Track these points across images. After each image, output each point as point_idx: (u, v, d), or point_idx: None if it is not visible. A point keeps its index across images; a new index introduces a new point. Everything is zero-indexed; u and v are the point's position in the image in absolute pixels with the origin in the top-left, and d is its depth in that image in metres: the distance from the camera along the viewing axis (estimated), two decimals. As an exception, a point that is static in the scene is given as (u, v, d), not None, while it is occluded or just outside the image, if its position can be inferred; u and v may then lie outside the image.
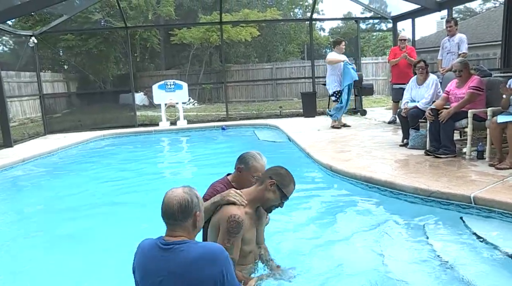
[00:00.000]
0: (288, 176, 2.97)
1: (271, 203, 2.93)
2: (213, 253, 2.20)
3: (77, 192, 6.48)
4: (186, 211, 2.25)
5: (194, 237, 2.34)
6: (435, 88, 7.05)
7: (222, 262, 2.18)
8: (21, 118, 16.15)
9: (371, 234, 4.09)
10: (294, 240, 4.07)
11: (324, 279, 3.27)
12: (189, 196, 2.27)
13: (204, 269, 2.14)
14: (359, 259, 3.59)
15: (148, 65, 27.03)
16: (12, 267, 3.92)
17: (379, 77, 22.67)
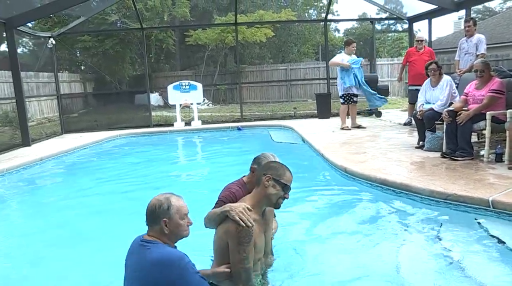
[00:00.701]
0: (280, 166, 2.93)
1: (276, 197, 2.86)
2: (170, 259, 2.34)
3: (93, 190, 6.56)
4: (152, 216, 2.47)
5: (171, 241, 2.51)
6: (450, 89, 6.97)
7: (178, 270, 2.32)
8: (39, 118, 16.38)
9: (385, 236, 4.06)
10: (308, 241, 4.06)
11: (338, 281, 3.26)
12: (159, 202, 2.47)
13: (159, 272, 2.30)
14: (372, 261, 3.56)
15: (164, 66, 27.22)
16: (28, 261, 3.98)
17: (395, 78, 22.44)
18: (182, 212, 2.52)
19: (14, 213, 5.84)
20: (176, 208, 2.49)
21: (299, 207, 5.01)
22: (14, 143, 10.33)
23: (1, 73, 14.70)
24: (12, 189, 7.00)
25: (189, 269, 2.37)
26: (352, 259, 3.63)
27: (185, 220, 2.54)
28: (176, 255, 2.38)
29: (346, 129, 10.00)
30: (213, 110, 19.18)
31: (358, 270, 3.42)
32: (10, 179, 7.49)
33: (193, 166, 8.74)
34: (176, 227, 2.49)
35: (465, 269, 3.26)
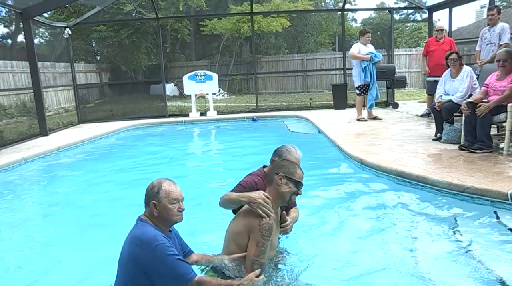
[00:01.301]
0: (291, 164, 2.93)
1: (289, 195, 2.88)
2: (141, 239, 2.47)
3: (109, 178, 6.62)
4: (145, 197, 2.63)
5: (162, 225, 2.61)
6: (470, 80, 6.80)
7: (148, 251, 2.43)
8: (56, 108, 16.56)
9: (401, 229, 4.02)
10: (323, 232, 4.04)
11: (353, 272, 3.24)
12: (151, 185, 2.63)
13: (133, 247, 2.48)
14: (388, 253, 3.52)
15: (179, 56, 27.26)
16: (46, 244, 4.04)
17: (412, 69, 22.16)
18: (171, 196, 2.59)
19: (32, 200, 5.91)
20: (165, 192, 2.59)
21: (314, 198, 4.99)
22: (32, 133, 10.47)
23: (19, 64, 14.86)
24: (30, 177, 7.10)
25: (163, 249, 2.45)
26: (367, 251, 3.60)
27: (175, 205, 2.61)
28: (148, 236, 2.47)
29: (362, 120, 9.91)
30: (229, 100, 19.17)
31: (372, 262, 3.40)
32: (29, 168, 7.61)
33: (208, 156, 8.76)
34: (165, 211, 2.59)
35: (482, 262, 3.21)
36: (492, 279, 2.99)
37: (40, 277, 3.48)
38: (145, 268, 2.45)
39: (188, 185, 6.11)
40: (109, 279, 2.70)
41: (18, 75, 14.87)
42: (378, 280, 3.14)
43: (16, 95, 14.59)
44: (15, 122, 12.69)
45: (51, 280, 3.45)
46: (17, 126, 11.77)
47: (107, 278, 2.77)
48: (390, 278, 3.13)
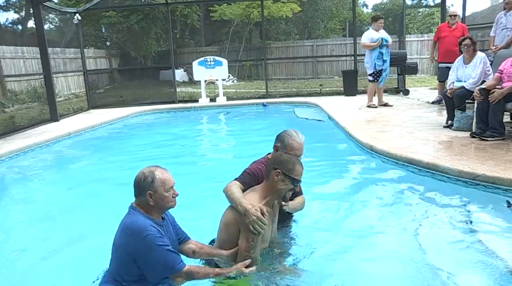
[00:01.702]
0: (290, 160, 2.85)
1: (285, 191, 2.85)
2: (131, 228, 2.50)
3: (118, 164, 6.65)
4: (138, 188, 2.60)
5: (156, 212, 2.63)
6: (483, 66, 6.68)
7: (137, 240, 2.46)
8: (66, 93, 16.63)
9: (410, 216, 4.00)
10: (331, 218, 4.04)
11: (361, 259, 3.25)
12: (143, 176, 2.59)
13: (124, 236, 2.52)
14: (396, 241, 3.52)
15: (188, 41, 27.16)
16: (54, 230, 4.09)
17: (424, 55, 21.85)
18: (167, 184, 2.61)
19: (44, 185, 5.97)
20: (160, 181, 2.58)
21: (324, 184, 4.99)
22: (43, 118, 10.54)
23: (29, 50, 14.91)
24: (41, 162, 7.17)
25: (152, 240, 2.47)
26: (374, 238, 3.59)
27: (171, 192, 2.63)
28: (138, 226, 2.50)
29: (373, 107, 9.83)
30: (238, 86, 19.11)
31: (380, 250, 3.39)
32: (40, 153, 7.68)
33: (217, 141, 8.77)
34: (161, 199, 2.59)
35: (493, 251, 3.18)
36: (503, 268, 2.96)
37: (49, 258, 3.53)
38: (135, 257, 2.48)
39: (196, 170, 6.15)
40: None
41: (29, 61, 14.93)
42: (385, 268, 3.13)
43: (27, 81, 14.67)
44: (26, 108, 12.78)
45: (59, 261, 3.50)
46: (28, 112, 11.85)
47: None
48: (398, 266, 3.12)
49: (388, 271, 3.11)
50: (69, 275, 3.22)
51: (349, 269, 3.13)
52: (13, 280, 3.27)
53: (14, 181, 6.15)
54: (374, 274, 3.08)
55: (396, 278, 3.01)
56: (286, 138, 3.15)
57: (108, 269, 2.69)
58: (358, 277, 3.04)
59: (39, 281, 3.23)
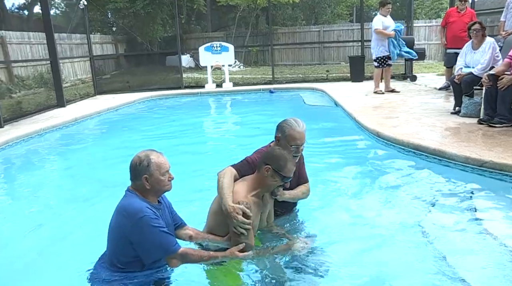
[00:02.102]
0: (282, 157, 2.81)
1: (274, 187, 2.87)
2: (127, 210, 2.53)
3: (124, 148, 6.66)
4: (134, 172, 2.62)
5: (152, 196, 2.65)
6: (492, 52, 6.60)
7: (133, 222, 2.48)
8: (72, 79, 16.65)
9: (416, 203, 3.99)
10: (336, 204, 4.05)
11: (365, 245, 3.25)
12: (139, 160, 2.60)
13: (120, 217, 2.55)
14: (401, 227, 3.51)
15: (195, 27, 27.01)
16: (60, 215, 4.13)
17: (432, 41, 21.63)
18: (162, 168, 2.61)
19: (50, 169, 6.02)
20: (156, 165, 2.59)
21: (329, 170, 4.98)
22: (49, 104, 10.57)
23: (36, 35, 14.90)
24: (48, 147, 7.24)
25: (148, 221, 2.49)
26: (379, 225, 3.60)
27: (166, 175, 2.64)
28: (133, 208, 2.52)
29: (380, 93, 9.77)
30: (244, 72, 19.03)
31: (385, 236, 3.39)
32: (47, 138, 7.73)
33: (222, 127, 8.78)
34: (157, 183, 2.61)
35: (498, 238, 3.18)
36: (508, 256, 2.96)
37: (55, 243, 3.58)
38: (130, 238, 2.51)
39: (201, 156, 6.16)
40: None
41: (35, 46, 14.92)
42: (390, 255, 3.13)
43: (33, 66, 14.68)
44: (33, 93, 12.81)
45: (64, 246, 3.55)
46: (35, 97, 11.88)
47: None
48: (403, 253, 3.13)
49: (391, 257, 3.11)
50: (72, 258, 3.26)
51: (351, 254, 3.13)
52: (16, 266, 3.32)
53: (21, 165, 6.20)
54: (377, 258, 3.08)
55: (399, 263, 3.02)
56: (286, 129, 3.08)
57: (105, 252, 2.72)
58: (360, 261, 3.04)
59: (44, 264, 3.27)
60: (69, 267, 3.07)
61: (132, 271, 2.57)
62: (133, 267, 2.58)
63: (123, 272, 2.56)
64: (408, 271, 2.91)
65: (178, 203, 3.05)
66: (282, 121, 3.17)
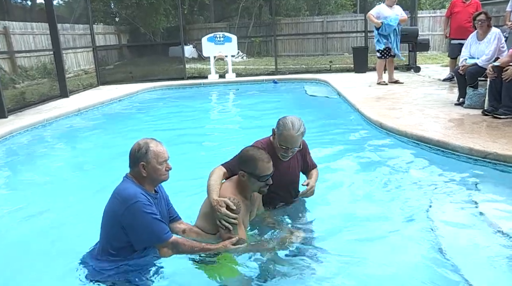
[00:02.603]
0: (252, 158, 2.80)
1: (256, 188, 2.88)
2: (121, 195, 2.56)
3: (127, 139, 6.66)
4: (132, 159, 2.64)
5: (149, 184, 2.66)
6: (498, 43, 6.56)
7: (125, 207, 2.51)
8: (75, 70, 16.62)
9: (419, 194, 3.99)
10: (339, 196, 4.05)
11: (369, 236, 3.26)
12: (138, 147, 2.63)
13: (113, 204, 2.59)
14: (405, 220, 3.51)
15: (197, 17, 26.87)
16: (64, 205, 4.16)
17: (436, 32, 21.47)
18: (160, 157, 2.62)
19: (54, 159, 6.02)
20: (154, 153, 2.60)
21: (332, 161, 4.98)
22: (53, 94, 10.57)
23: (39, 25, 14.85)
24: (52, 137, 7.26)
25: (140, 207, 2.51)
26: (382, 217, 3.59)
27: (164, 165, 2.65)
28: (128, 193, 2.55)
29: (383, 84, 9.73)
30: (247, 63, 18.98)
31: (388, 229, 3.38)
32: (50, 128, 7.76)
33: (224, 118, 8.76)
34: (154, 171, 2.62)
35: (502, 231, 3.17)
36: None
37: (59, 233, 3.60)
38: (122, 223, 2.53)
39: (201, 147, 6.15)
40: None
41: (38, 37, 14.88)
42: (390, 247, 3.13)
43: (36, 57, 14.66)
44: (36, 84, 12.80)
45: (68, 233, 3.58)
46: (38, 88, 11.87)
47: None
48: (404, 245, 3.12)
49: (391, 248, 3.11)
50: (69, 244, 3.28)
51: (350, 245, 3.14)
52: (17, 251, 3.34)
53: (25, 155, 6.22)
54: (377, 250, 3.08)
55: (399, 255, 3.01)
56: (281, 128, 3.05)
57: (96, 243, 2.75)
58: (360, 252, 3.04)
59: (42, 253, 3.30)
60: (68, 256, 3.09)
61: (123, 258, 2.59)
62: (125, 252, 2.60)
63: (114, 258, 2.58)
64: (408, 263, 2.91)
65: (174, 195, 3.09)
66: (283, 117, 3.13)
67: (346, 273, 2.80)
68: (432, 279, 2.68)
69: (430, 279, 2.68)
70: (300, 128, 3.05)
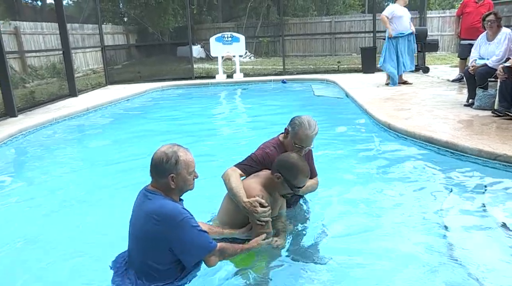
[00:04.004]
0: (295, 166, 2.79)
1: (284, 192, 2.90)
2: (163, 213, 2.33)
3: (135, 139, 6.73)
4: (159, 170, 2.40)
5: (176, 195, 2.48)
6: (508, 43, 6.50)
7: (175, 224, 2.31)
8: (84, 69, 16.72)
9: (428, 196, 3.97)
10: (347, 196, 4.03)
11: (379, 237, 3.25)
12: (166, 157, 2.39)
13: (153, 224, 2.31)
14: (413, 222, 3.49)
15: (205, 17, 26.91)
16: (74, 204, 4.18)
17: (445, 32, 21.34)
18: (190, 167, 2.46)
19: (63, 158, 6.05)
20: (184, 163, 2.42)
21: (340, 162, 4.97)
22: (62, 94, 10.65)
23: (48, 25, 14.96)
24: (61, 136, 7.30)
25: (187, 222, 2.35)
26: (390, 219, 3.58)
27: (192, 174, 2.49)
28: (170, 211, 2.35)
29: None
30: (255, 63, 18.97)
31: (395, 231, 3.37)
32: (59, 127, 7.80)
33: (233, 118, 8.76)
34: (183, 182, 2.45)
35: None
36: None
37: (69, 235, 3.61)
38: (171, 244, 2.34)
39: (210, 148, 6.16)
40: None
41: (48, 36, 14.99)
42: (399, 249, 3.11)
43: (46, 56, 14.76)
44: (45, 83, 12.89)
45: (78, 233, 3.57)
46: (48, 87, 11.96)
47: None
48: (413, 248, 3.10)
49: (400, 250, 3.09)
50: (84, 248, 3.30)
51: (359, 247, 3.14)
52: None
53: (34, 154, 6.26)
54: (386, 252, 3.06)
55: (408, 258, 2.99)
56: (297, 127, 3.02)
57: (125, 259, 2.56)
58: (369, 254, 3.04)
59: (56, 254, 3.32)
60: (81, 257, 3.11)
61: (170, 281, 2.40)
62: (170, 274, 2.40)
63: (160, 284, 2.38)
64: (417, 265, 2.89)
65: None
66: (298, 117, 3.11)
67: (354, 273, 2.80)
68: (443, 280, 2.67)
69: (440, 280, 2.67)
70: (316, 128, 3.06)
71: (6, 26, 12.70)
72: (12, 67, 12.62)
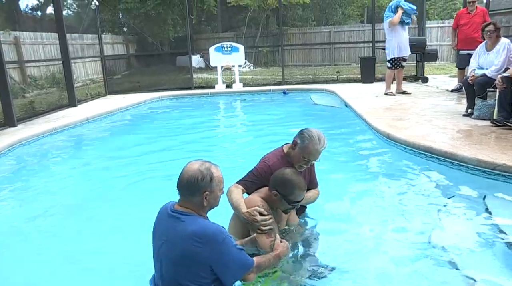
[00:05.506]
0: (290, 183, 2.81)
1: (283, 208, 2.92)
2: (205, 234, 2.25)
3: (135, 148, 6.71)
4: (193, 188, 2.30)
5: (205, 212, 2.40)
6: (507, 53, 6.52)
7: (218, 244, 2.25)
8: (84, 79, 16.77)
9: (427, 206, 3.96)
10: (347, 207, 4.02)
11: (378, 248, 3.24)
12: (201, 174, 2.31)
13: (194, 245, 2.22)
14: (413, 232, 3.47)
15: (205, 27, 27.06)
16: (74, 212, 4.16)
17: (444, 42, 21.44)
18: (222, 183, 2.42)
19: (62, 168, 6.05)
20: (218, 180, 2.37)
21: (339, 172, 4.96)
22: (61, 103, 10.66)
23: (48, 35, 15.04)
24: (60, 146, 7.30)
25: (229, 242, 2.31)
26: (390, 228, 3.57)
27: (222, 191, 2.45)
28: (211, 231, 2.28)
29: (391, 94, 9.70)
30: (255, 73, 19.02)
31: (395, 240, 3.36)
32: (59, 137, 7.80)
33: (232, 128, 8.76)
34: (214, 199, 2.39)
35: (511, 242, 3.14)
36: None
37: (67, 243, 3.59)
38: (212, 264, 2.26)
39: (210, 158, 6.14)
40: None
41: (48, 46, 15.06)
42: (398, 260, 3.08)
43: (46, 66, 14.83)
44: (45, 93, 12.93)
45: (77, 242, 3.55)
46: (47, 97, 11.99)
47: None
48: (413, 259, 3.08)
49: (399, 261, 3.07)
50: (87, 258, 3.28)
51: (357, 257, 3.12)
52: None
53: (34, 164, 6.26)
54: (385, 263, 3.05)
55: (407, 269, 2.97)
56: (306, 141, 3.01)
57: (156, 280, 2.45)
58: (367, 265, 3.02)
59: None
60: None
61: None
62: None
63: None
64: (416, 277, 2.87)
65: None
66: (306, 129, 3.11)
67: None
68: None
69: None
70: (325, 143, 3.08)
71: (6, 36, 12.78)
72: (11, 77, 12.66)
